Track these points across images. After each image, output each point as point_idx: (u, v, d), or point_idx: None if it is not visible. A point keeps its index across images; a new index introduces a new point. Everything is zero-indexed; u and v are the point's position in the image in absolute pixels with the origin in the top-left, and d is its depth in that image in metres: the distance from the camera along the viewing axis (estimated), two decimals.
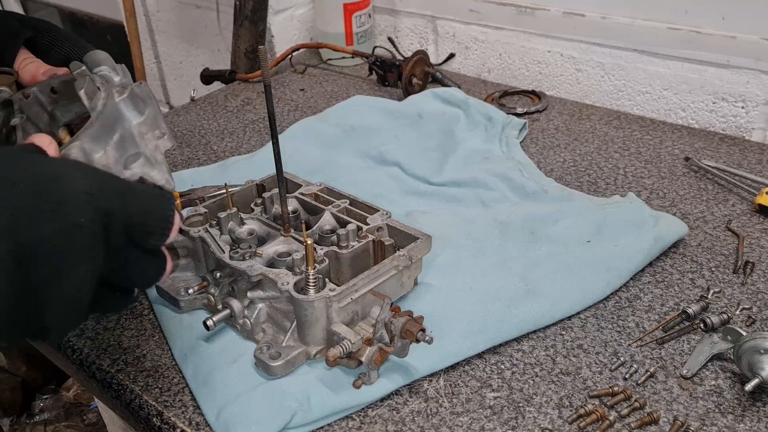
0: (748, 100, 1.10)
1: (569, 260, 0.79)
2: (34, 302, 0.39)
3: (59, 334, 0.43)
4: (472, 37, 1.41)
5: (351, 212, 0.76)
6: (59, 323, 0.42)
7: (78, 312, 0.43)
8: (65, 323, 0.42)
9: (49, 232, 0.38)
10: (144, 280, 0.47)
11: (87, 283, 0.41)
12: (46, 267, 0.38)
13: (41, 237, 0.38)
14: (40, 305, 0.40)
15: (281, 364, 0.62)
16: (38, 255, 0.38)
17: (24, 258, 0.37)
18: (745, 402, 0.62)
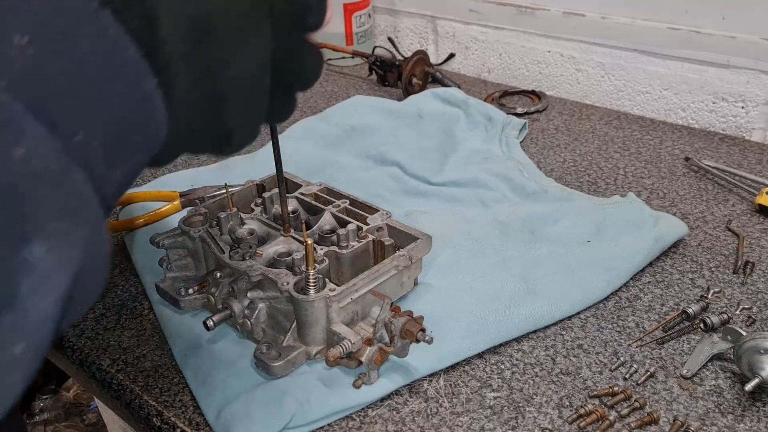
0: (748, 100, 1.10)
1: (569, 260, 0.79)
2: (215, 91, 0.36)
3: (241, 137, 0.40)
4: (472, 37, 1.41)
5: (351, 212, 0.76)
6: (242, 118, 0.38)
7: (259, 103, 0.39)
8: (247, 118, 0.39)
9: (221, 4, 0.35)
10: (307, 71, 0.43)
11: (265, 63, 0.38)
12: (222, 43, 0.35)
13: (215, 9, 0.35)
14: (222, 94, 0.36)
15: (281, 364, 0.62)
16: (212, 29, 0.35)
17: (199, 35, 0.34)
18: (745, 402, 0.62)
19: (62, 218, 0.27)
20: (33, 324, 0.26)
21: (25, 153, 0.26)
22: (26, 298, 0.26)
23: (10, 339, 0.26)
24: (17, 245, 0.26)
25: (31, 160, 0.27)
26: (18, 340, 0.26)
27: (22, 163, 0.26)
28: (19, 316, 0.26)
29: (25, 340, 0.26)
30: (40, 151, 0.27)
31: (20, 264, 0.26)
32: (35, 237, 0.26)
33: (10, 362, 0.26)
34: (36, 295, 0.26)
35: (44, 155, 0.27)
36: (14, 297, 0.26)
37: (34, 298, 0.26)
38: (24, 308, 0.26)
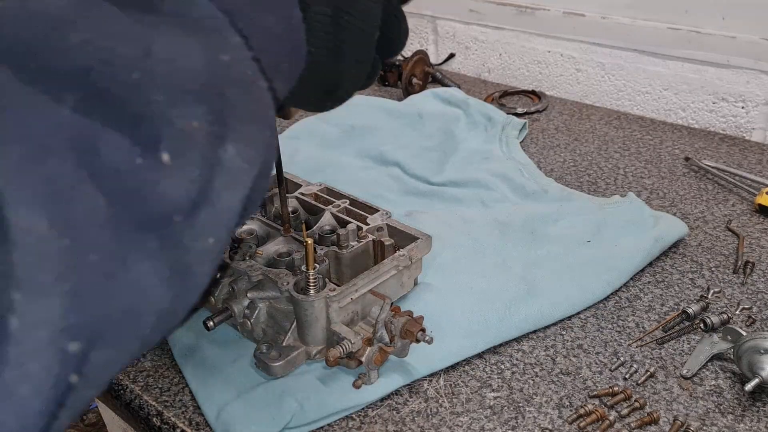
0: (748, 100, 1.10)
1: (569, 260, 0.79)
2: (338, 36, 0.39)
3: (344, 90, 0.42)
4: (472, 37, 1.41)
5: (351, 212, 0.76)
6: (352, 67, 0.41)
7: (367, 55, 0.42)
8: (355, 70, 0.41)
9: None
10: (400, 39, 0.46)
11: (377, 14, 0.41)
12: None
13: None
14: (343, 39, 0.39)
15: (281, 365, 0.62)
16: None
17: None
18: (745, 402, 0.62)
19: (251, 122, 0.30)
20: (223, 219, 0.28)
21: (230, 60, 0.29)
22: (219, 194, 0.28)
23: (206, 231, 0.27)
24: (216, 145, 0.28)
25: (233, 66, 0.29)
26: (211, 232, 0.28)
27: (226, 69, 0.29)
28: (215, 209, 0.28)
29: (216, 233, 0.28)
30: (240, 59, 0.30)
31: (217, 162, 0.28)
32: (229, 138, 0.28)
33: (204, 252, 0.28)
34: (226, 192, 0.28)
35: (242, 63, 0.30)
36: (210, 193, 0.27)
37: (225, 194, 0.28)
38: (219, 203, 0.28)
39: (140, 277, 0.25)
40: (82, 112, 0.24)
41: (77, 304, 0.23)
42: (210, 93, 0.28)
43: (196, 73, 0.28)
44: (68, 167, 0.23)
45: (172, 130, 0.26)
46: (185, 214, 0.26)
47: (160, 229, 0.26)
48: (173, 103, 0.26)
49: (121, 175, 0.24)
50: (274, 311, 0.66)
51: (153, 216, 0.25)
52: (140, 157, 0.25)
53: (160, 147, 0.26)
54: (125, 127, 0.25)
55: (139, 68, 0.26)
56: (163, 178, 0.25)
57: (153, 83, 0.26)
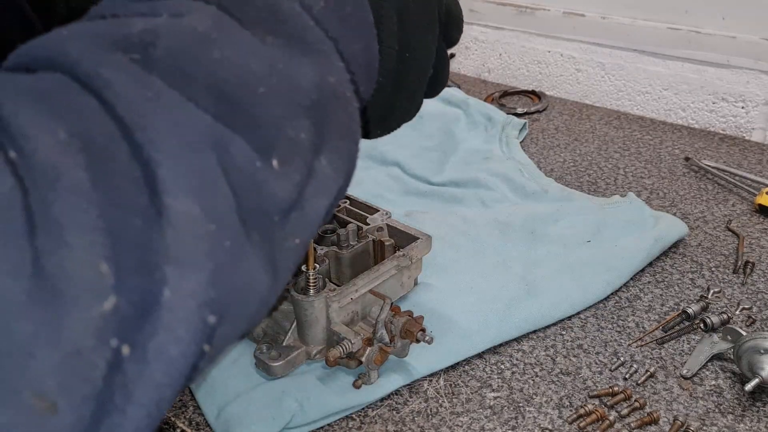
0: (748, 100, 1.10)
1: (569, 260, 0.79)
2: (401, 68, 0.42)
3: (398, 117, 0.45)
4: (472, 37, 1.41)
5: (351, 212, 0.76)
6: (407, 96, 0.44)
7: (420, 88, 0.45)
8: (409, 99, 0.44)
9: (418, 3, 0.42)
10: (445, 77, 0.49)
11: (432, 53, 0.44)
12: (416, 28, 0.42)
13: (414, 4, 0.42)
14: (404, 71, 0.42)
15: (281, 365, 0.62)
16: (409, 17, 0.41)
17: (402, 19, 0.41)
18: (745, 402, 0.62)
19: (344, 136, 0.33)
20: (309, 222, 0.31)
21: (335, 81, 0.33)
22: (309, 200, 0.31)
23: (295, 232, 0.30)
24: (314, 155, 0.31)
25: (337, 86, 0.33)
26: (298, 233, 0.31)
27: (332, 88, 0.32)
28: (303, 214, 0.31)
29: (302, 234, 0.31)
30: (342, 80, 0.33)
31: (312, 171, 0.31)
32: (325, 149, 0.31)
33: (290, 250, 0.30)
34: (316, 198, 0.31)
35: (344, 84, 0.33)
36: (308, 197, 0.31)
37: (314, 201, 0.31)
38: (309, 208, 0.31)
39: (252, 266, 0.28)
40: (217, 117, 0.27)
41: (217, 281, 0.26)
42: (317, 109, 0.31)
43: (309, 90, 0.31)
44: (212, 163, 0.26)
45: (284, 140, 0.29)
46: (283, 214, 0.29)
47: (262, 225, 0.28)
48: (287, 116, 0.30)
49: (245, 174, 0.28)
50: (273, 311, 0.66)
51: (261, 213, 0.28)
52: (259, 161, 0.28)
53: (273, 153, 0.29)
54: (248, 133, 0.28)
55: (265, 84, 0.29)
56: (273, 181, 0.29)
57: (274, 97, 0.29)
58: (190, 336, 0.25)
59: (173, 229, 0.25)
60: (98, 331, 0.23)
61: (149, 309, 0.24)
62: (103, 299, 0.23)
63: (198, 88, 0.27)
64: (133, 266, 0.24)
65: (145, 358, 0.24)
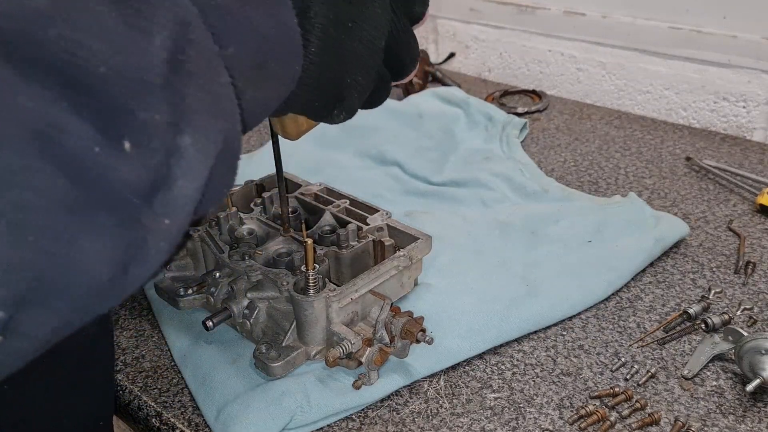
0: (749, 100, 1.10)
1: (570, 260, 0.79)
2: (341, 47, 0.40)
3: (350, 102, 0.43)
4: (472, 36, 1.41)
5: (351, 212, 0.76)
6: (357, 79, 0.42)
7: (372, 68, 0.43)
8: (360, 82, 0.43)
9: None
10: (405, 57, 0.47)
11: (383, 29, 0.42)
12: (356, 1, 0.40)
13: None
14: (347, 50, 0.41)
15: (281, 365, 0.62)
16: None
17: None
18: (746, 402, 0.62)
19: (209, 116, 0.32)
20: (180, 203, 0.31)
21: (191, 55, 0.31)
22: (177, 179, 0.30)
23: (164, 213, 0.30)
24: (174, 133, 0.30)
25: (193, 61, 0.31)
26: (168, 214, 0.30)
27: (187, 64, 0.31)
28: (172, 194, 0.30)
29: (172, 216, 0.31)
30: (201, 54, 0.32)
31: (175, 151, 0.30)
32: (186, 129, 0.30)
33: (160, 231, 0.30)
34: (183, 179, 0.31)
35: (203, 58, 0.32)
36: (169, 178, 0.30)
37: (181, 181, 0.31)
38: (176, 189, 0.30)
39: (84, 253, 0.28)
40: (51, 101, 0.26)
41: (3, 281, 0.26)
42: (171, 88, 0.30)
43: (159, 68, 0.29)
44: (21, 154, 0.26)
45: (134, 121, 0.28)
46: (143, 196, 0.29)
47: (117, 209, 0.28)
48: (137, 96, 0.29)
49: (80, 161, 0.27)
50: (273, 311, 0.66)
51: (110, 197, 0.28)
52: (98, 146, 0.27)
53: (123, 136, 0.28)
54: (92, 116, 0.27)
55: (108, 63, 0.28)
56: (122, 164, 0.28)
57: (118, 77, 0.28)
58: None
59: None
60: None
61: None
62: None
63: (33, 69, 0.26)
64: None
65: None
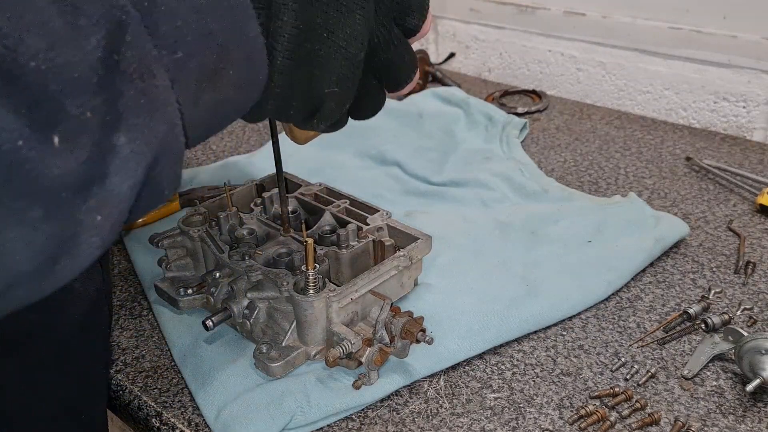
0: (749, 100, 1.10)
1: (570, 260, 0.79)
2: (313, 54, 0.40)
3: (328, 110, 0.43)
4: (472, 36, 1.41)
5: (351, 212, 0.76)
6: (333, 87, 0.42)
7: (351, 77, 0.42)
8: (338, 91, 0.42)
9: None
10: (398, 68, 0.46)
11: (362, 38, 0.41)
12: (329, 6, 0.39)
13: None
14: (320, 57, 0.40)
15: (281, 365, 0.62)
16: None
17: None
18: (746, 402, 0.62)
19: (145, 116, 0.32)
20: (113, 200, 0.31)
21: (128, 55, 0.31)
22: (111, 177, 0.31)
23: (96, 208, 0.31)
24: (110, 131, 0.31)
25: (129, 62, 0.31)
26: (101, 210, 0.31)
27: (122, 64, 0.31)
28: (104, 191, 0.31)
29: (105, 212, 0.31)
30: (139, 56, 0.32)
31: (110, 148, 0.31)
32: (121, 126, 0.31)
33: (92, 227, 0.31)
34: (117, 176, 0.31)
35: (141, 59, 0.32)
36: (104, 175, 0.31)
37: (116, 179, 0.31)
38: (108, 185, 0.31)
39: (6, 241, 0.28)
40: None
41: None
42: (106, 86, 0.30)
43: (94, 66, 0.30)
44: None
45: (65, 117, 0.29)
46: (74, 191, 0.29)
47: (46, 201, 0.29)
48: (69, 93, 0.29)
49: (3, 152, 0.27)
50: (273, 311, 0.66)
51: (36, 190, 0.28)
52: (22, 139, 0.28)
53: (52, 131, 0.28)
54: (22, 108, 0.28)
55: (40, 58, 0.28)
56: (49, 158, 0.28)
57: (51, 74, 0.28)
58: None
59: None
60: None
61: None
62: None
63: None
64: None
65: None
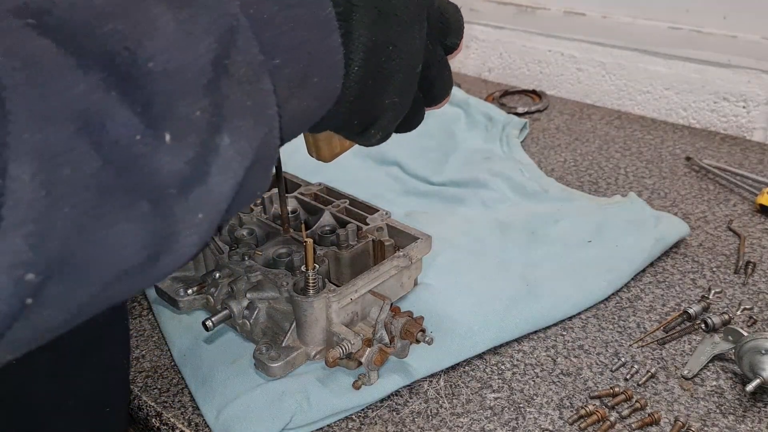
0: (749, 100, 1.10)
1: (570, 260, 0.79)
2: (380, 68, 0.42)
3: (385, 123, 0.45)
4: (472, 36, 1.41)
5: (351, 212, 0.76)
6: (392, 101, 0.44)
7: (408, 91, 0.45)
8: (396, 104, 0.45)
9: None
10: (438, 85, 0.49)
11: (420, 53, 0.44)
12: (396, 25, 0.42)
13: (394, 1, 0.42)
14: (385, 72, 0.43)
15: (280, 365, 0.62)
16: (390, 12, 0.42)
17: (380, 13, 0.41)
18: (746, 402, 0.62)
19: (248, 118, 0.33)
20: (214, 199, 0.33)
21: (238, 60, 0.33)
22: (213, 177, 0.32)
23: (198, 206, 0.32)
24: (214, 132, 0.32)
25: (238, 67, 0.33)
26: (202, 208, 0.32)
27: (232, 68, 0.33)
28: (206, 190, 0.32)
29: (206, 211, 0.32)
30: (247, 61, 0.33)
31: (214, 148, 0.32)
32: (225, 129, 0.32)
33: (192, 225, 0.32)
34: (219, 176, 0.32)
35: (248, 65, 0.34)
36: (206, 174, 0.32)
37: (218, 178, 0.32)
38: (210, 185, 0.32)
39: (116, 233, 0.29)
40: (103, 88, 0.28)
41: (39, 244, 0.27)
42: (214, 88, 0.32)
43: (205, 69, 0.31)
44: (68, 133, 0.27)
45: (175, 116, 0.30)
46: (179, 188, 0.30)
47: (153, 197, 0.30)
48: (181, 92, 0.30)
49: (121, 146, 0.28)
50: (273, 312, 0.66)
51: (147, 185, 0.29)
52: (140, 134, 0.29)
53: (164, 128, 0.30)
54: (138, 106, 0.29)
55: (157, 59, 0.30)
56: (161, 154, 0.30)
57: (166, 74, 0.30)
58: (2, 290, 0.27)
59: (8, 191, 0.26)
60: None
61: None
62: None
63: (89, 58, 0.29)
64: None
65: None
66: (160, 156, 0.30)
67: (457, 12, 0.49)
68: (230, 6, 0.33)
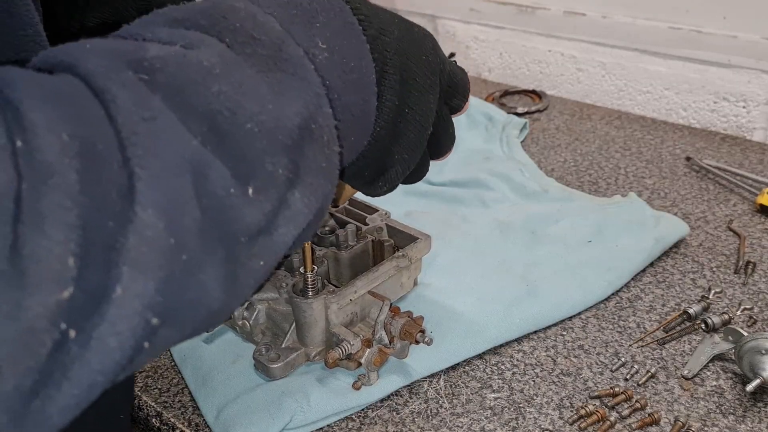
0: (749, 100, 1.10)
1: (570, 260, 0.78)
2: (397, 125, 0.45)
3: (393, 175, 0.48)
4: (472, 36, 1.41)
5: (350, 212, 0.76)
6: (402, 155, 0.47)
7: (418, 148, 0.47)
8: (405, 159, 0.47)
9: (419, 61, 0.45)
10: (448, 140, 0.53)
11: (432, 115, 0.47)
12: (416, 88, 0.45)
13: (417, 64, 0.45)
14: (401, 129, 0.45)
15: (280, 366, 0.62)
16: (411, 77, 0.45)
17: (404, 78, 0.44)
18: (746, 402, 0.62)
19: (318, 176, 0.36)
20: (276, 248, 0.35)
21: (320, 125, 0.36)
22: (279, 227, 0.34)
23: (260, 255, 0.34)
24: (288, 189, 0.34)
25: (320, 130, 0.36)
26: (263, 256, 0.34)
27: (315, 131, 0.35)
28: (271, 240, 0.34)
29: (266, 258, 0.34)
30: (327, 125, 0.36)
31: (285, 202, 0.34)
32: (298, 184, 0.35)
33: (253, 271, 0.34)
34: (285, 227, 0.34)
35: (327, 129, 0.36)
36: (274, 225, 0.34)
37: (283, 230, 0.34)
38: (276, 236, 0.34)
39: (208, 279, 0.31)
40: (204, 143, 0.31)
41: (165, 289, 0.29)
42: (297, 148, 0.34)
43: (292, 131, 0.34)
44: (186, 185, 0.30)
45: (262, 172, 0.33)
46: (250, 237, 0.33)
47: (229, 244, 0.32)
48: (269, 151, 0.33)
49: (217, 198, 0.31)
50: (272, 313, 0.66)
51: (229, 234, 0.32)
52: (233, 187, 0.31)
53: (250, 182, 0.32)
54: (229, 161, 0.31)
55: (253, 120, 0.32)
56: (246, 206, 0.32)
57: (259, 133, 0.33)
58: (129, 332, 0.28)
59: (137, 237, 0.28)
60: (52, 315, 0.26)
61: (100, 301, 0.27)
62: (63, 288, 0.26)
63: (193, 114, 0.31)
64: (96, 261, 0.27)
65: (87, 344, 0.27)
66: (244, 208, 0.32)
67: (464, 76, 0.52)
68: (309, 72, 0.36)
